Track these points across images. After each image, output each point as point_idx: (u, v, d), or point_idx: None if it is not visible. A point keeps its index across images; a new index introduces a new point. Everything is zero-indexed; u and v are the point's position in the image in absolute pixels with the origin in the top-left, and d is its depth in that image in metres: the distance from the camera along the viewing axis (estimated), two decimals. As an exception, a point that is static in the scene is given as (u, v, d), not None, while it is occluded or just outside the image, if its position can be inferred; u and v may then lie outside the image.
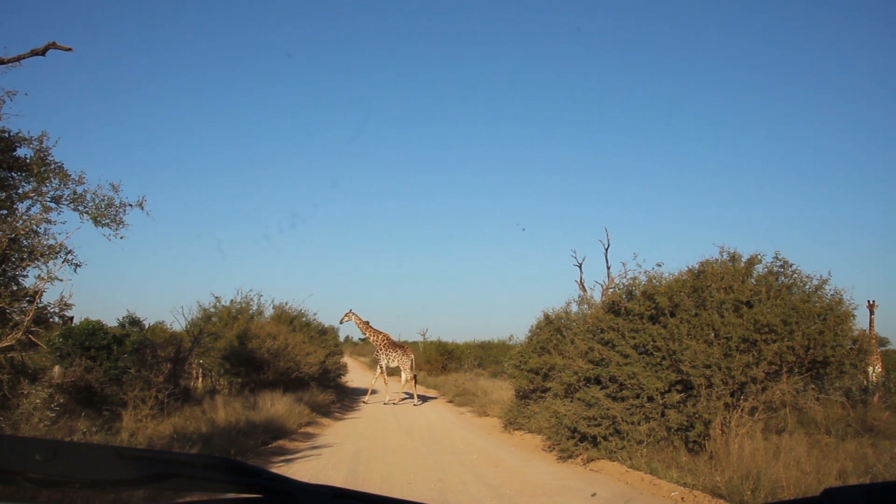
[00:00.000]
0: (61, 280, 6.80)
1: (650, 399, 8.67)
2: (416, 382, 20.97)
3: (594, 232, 60.39)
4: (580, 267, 16.59)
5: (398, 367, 20.50)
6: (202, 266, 71.86)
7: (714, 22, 70.16)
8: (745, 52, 71.11)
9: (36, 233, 6.98)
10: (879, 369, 13.31)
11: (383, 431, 13.71)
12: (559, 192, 78.49)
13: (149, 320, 15.73)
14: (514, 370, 13.81)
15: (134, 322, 14.62)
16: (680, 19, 71.32)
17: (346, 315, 20.73)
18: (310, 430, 13.42)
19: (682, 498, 7.02)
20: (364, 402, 20.34)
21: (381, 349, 20.48)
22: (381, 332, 20.81)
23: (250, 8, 74.52)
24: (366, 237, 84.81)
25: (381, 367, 20.75)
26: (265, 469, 1.32)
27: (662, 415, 8.65)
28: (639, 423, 8.70)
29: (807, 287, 8.98)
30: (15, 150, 7.49)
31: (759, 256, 9.23)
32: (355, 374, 22.04)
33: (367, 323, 20.82)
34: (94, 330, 11.62)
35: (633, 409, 8.76)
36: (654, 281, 9.49)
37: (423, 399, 21.56)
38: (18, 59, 7.39)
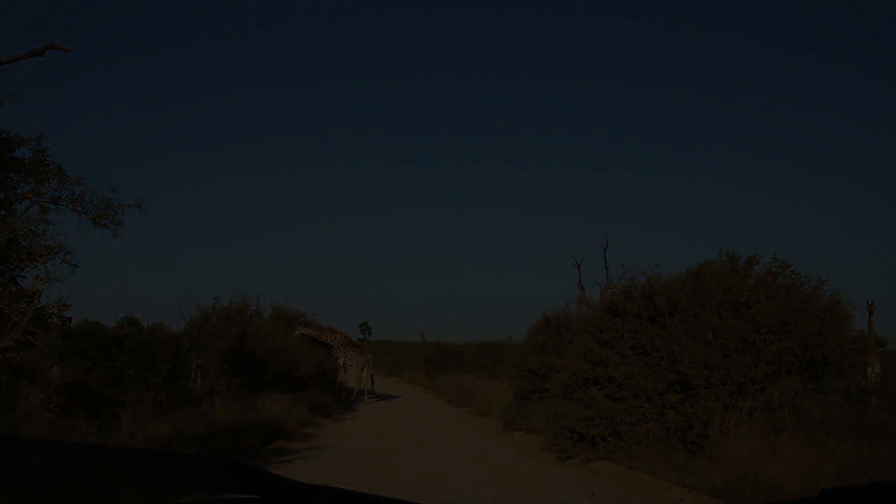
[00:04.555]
0: (60, 281, 6.80)
1: (649, 399, 8.67)
2: (372, 382, 21.39)
3: (593, 232, 60.45)
4: (579, 268, 16.67)
5: (353, 365, 20.69)
6: (201, 266, 71.71)
7: (714, 21, 70.25)
8: (745, 51, 71.21)
9: (34, 233, 6.98)
10: (878, 370, 13.31)
11: (382, 432, 13.72)
12: (559, 192, 78.49)
13: (147, 321, 15.64)
14: (513, 370, 13.81)
15: (132, 323, 14.56)
16: (680, 19, 71.41)
17: (297, 329, 20.54)
18: (309, 430, 13.40)
19: (681, 498, 7.02)
20: (364, 403, 20.40)
21: (338, 348, 20.58)
22: (337, 332, 21.15)
23: (249, 8, 74.45)
24: (365, 237, 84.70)
25: (341, 366, 20.99)
26: (264, 469, 1.33)
27: (661, 415, 8.65)
28: (637, 424, 8.70)
29: (805, 287, 8.99)
30: (13, 150, 7.49)
31: (757, 257, 9.25)
32: (354, 374, 22.07)
33: (321, 327, 21.10)
34: (92, 330, 11.59)
35: (632, 410, 8.76)
36: (652, 281, 9.50)
37: (379, 397, 22.09)
38: (17, 59, 7.38)
